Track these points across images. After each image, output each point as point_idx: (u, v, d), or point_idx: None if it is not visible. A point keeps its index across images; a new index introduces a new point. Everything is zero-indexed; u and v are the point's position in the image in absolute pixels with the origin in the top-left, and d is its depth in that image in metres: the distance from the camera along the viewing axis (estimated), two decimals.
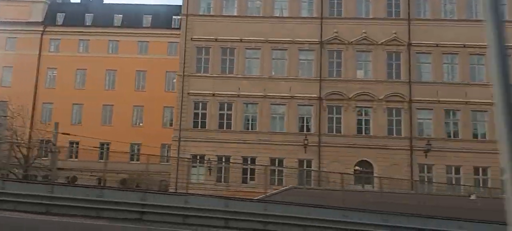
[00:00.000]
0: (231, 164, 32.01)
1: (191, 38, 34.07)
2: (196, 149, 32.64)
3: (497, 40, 3.10)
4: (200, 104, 33.48)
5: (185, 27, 34.44)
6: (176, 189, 30.09)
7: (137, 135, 40.54)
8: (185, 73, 33.73)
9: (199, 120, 33.40)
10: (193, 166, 32.55)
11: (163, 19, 44.51)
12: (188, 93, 33.37)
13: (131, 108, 42.30)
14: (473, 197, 26.59)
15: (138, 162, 36.54)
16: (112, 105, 42.41)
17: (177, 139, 33.03)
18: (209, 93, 33.32)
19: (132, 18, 45.06)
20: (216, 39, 34.00)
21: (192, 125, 33.32)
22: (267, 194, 25.01)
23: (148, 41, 43.99)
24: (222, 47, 34.19)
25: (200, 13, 34.74)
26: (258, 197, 24.00)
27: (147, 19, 45.03)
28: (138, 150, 40.96)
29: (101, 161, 38.50)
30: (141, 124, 42.23)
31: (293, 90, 32.98)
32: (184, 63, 33.85)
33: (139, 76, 43.25)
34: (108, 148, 38.38)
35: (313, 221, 21.48)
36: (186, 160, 31.25)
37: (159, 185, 33.76)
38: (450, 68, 32.97)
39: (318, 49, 33.39)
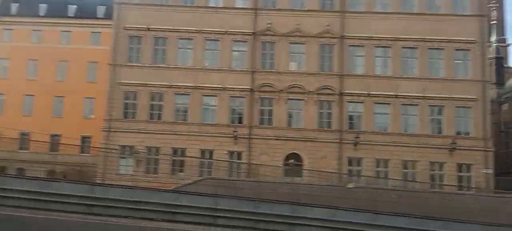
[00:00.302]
0: (160, 155, 31.55)
1: (124, 27, 33.44)
2: (125, 140, 32.09)
3: None
4: (131, 95, 32.92)
5: (117, 16, 33.78)
6: (103, 180, 29.56)
7: (57, 126, 39.58)
8: (116, 63, 33.10)
9: (129, 110, 32.86)
10: (122, 157, 32.00)
11: (88, 9, 43.49)
12: (119, 83, 32.76)
13: (52, 99, 41.24)
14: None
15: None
16: (33, 95, 41.34)
17: (107, 130, 32.43)
18: (140, 84, 32.73)
19: (57, 8, 43.73)
20: (148, 28, 33.41)
21: (122, 115, 32.75)
22: (180, 185, 24.69)
23: (70, 31, 42.83)
24: (154, 37, 33.63)
25: (134, 2, 34.07)
26: (171, 188, 23.68)
27: (71, 9, 43.85)
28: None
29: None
30: (62, 115, 41.08)
31: (225, 81, 32.60)
32: (115, 52, 33.21)
33: (61, 66, 41.97)
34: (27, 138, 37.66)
35: (225, 212, 21.29)
36: (114, 151, 30.71)
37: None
38: (383, 61, 32.80)
39: (251, 40, 33.04)
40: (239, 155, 32.00)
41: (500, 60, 61.17)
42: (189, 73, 32.83)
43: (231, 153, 31.94)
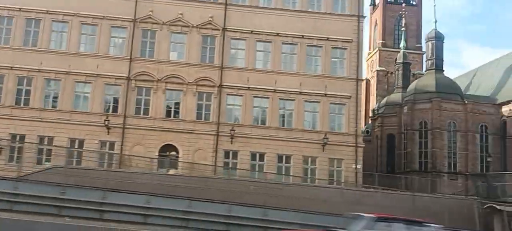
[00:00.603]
0: (24, 144, 29.61)
1: None
2: None
3: None
4: None
5: None
6: None
7: None
8: None
9: None
10: None
11: None
12: None
13: None
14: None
15: None
16: None
17: None
18: (6, 66, 30.61)
19: None
20: (20, 8, 31.36)
21: None
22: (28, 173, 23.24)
23: None
24: (27, 18, 31.62)
25: None
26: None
27: None
28: None
29: None
30: None
31: (101, 68, 31.27)
32: None
33: None
34: None
35: (70, 202, 20.23)
36: None
37: None
38: (263, 55, 33.02)
39: (131, 27, 31.97)
40: (111, 145, 30.82)
41: (407, 65, 64.39)
42: (62, 58, 31.16)
43: (103, 143, 30.69)
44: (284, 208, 21.17)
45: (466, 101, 49.08)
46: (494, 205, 26.91)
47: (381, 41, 70.34)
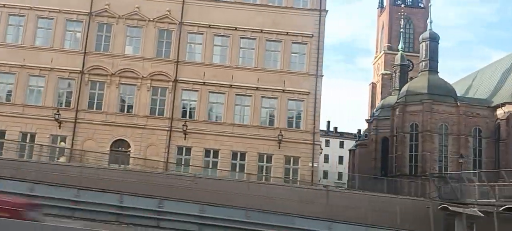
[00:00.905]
0: None
1: None
2: None
3: None
4: None
5: None
6: None
7: None
8: None
9: None
10: None
11: None
12: None
13: None
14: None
15: None
16: None
17: None
18: None
19: None
20: None
21: None
22: None
23: None
24: None
25: None
26: None
27: None
28: None
29: None
30: None
31: (55, 62, 31.09)
32: None
33: None
34: None
35: None
36: None
37: None
38: (221, 50, 32.29)
39: (86, 21, 31.72)
40: (63, 139, 30.54)
41: (405, 67, 62.86)
42: (16, 52, 31.11)
43: (54, 137, 30.44)
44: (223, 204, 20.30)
45: (459, 104, 47.31)
46: (447, 206, 25.46)
47: (387, 44, 68.58)
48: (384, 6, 76.11)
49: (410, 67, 64.88)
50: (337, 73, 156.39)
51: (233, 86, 31.31)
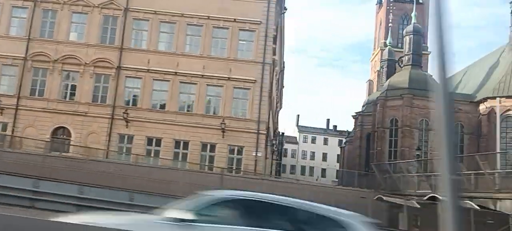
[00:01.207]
0: None
1: None
2: None
3: None
4: None
5: None
6: None
7: None
8: None
9: None
10: None
11: None
12: None
13: None
14: None
15: None
16: None
17: None
18: None
19: None
20: None
21: None
22: None
23: None
24: None
25: None
26: None
27: None
28: None
29: None
30: None
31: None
32: None
33: None
34: None
35: None
36: None
37: None
38: (167, 37, 31.60)
39: (32, 7, 31.34)
40: (4, 126, 30.19)
41: (393, 63, 61.56)
42: None
43: None
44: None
45: None
46: (381, 197, 24.36)
47: (383, 41, 67.09)
48: (382, 3, 74.74)
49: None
50: (353, 73, 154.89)
51: (177, 73, 30.60)
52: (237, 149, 30.04)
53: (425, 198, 21.04)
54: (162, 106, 30.82)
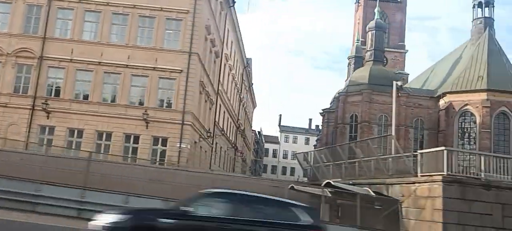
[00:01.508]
0: None
1: None
2: None
3: None
4: None
5: None
6: None
7: None
8: None
9: None
10: None
11: None
12: None
13: None
14: None
15: None
16: None
17: None
18: None
19: None
20: None
21: None
22: None
23: None
24: None
25: None
26: None
27: None
28: None
29: None
30: None
31: None
32: None
33: None
34: None
35: None
36: None
37: None
38: (92, 26, 30.80)
39: None
40: None
41: (360, 59, 60.77)
42: None
43: None
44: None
45: (400, 94, 44.83)
46: (293, 186, 23.52)
47: (361, 40, 66.17)
48: (360, 2, 74.18)
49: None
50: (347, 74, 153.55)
51: (101, 63, 29.80)
52: (161, 140, 29.21)
53: (322, 184, 20.19)
54: (86, 97, 29.99)
